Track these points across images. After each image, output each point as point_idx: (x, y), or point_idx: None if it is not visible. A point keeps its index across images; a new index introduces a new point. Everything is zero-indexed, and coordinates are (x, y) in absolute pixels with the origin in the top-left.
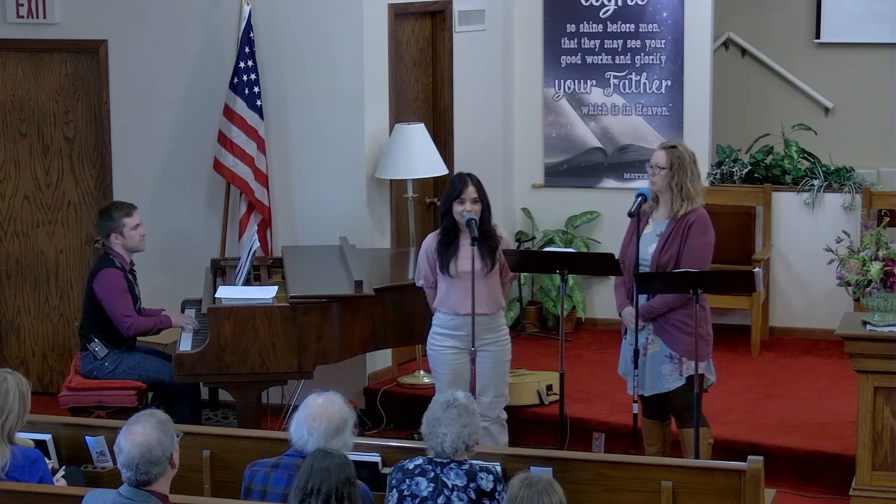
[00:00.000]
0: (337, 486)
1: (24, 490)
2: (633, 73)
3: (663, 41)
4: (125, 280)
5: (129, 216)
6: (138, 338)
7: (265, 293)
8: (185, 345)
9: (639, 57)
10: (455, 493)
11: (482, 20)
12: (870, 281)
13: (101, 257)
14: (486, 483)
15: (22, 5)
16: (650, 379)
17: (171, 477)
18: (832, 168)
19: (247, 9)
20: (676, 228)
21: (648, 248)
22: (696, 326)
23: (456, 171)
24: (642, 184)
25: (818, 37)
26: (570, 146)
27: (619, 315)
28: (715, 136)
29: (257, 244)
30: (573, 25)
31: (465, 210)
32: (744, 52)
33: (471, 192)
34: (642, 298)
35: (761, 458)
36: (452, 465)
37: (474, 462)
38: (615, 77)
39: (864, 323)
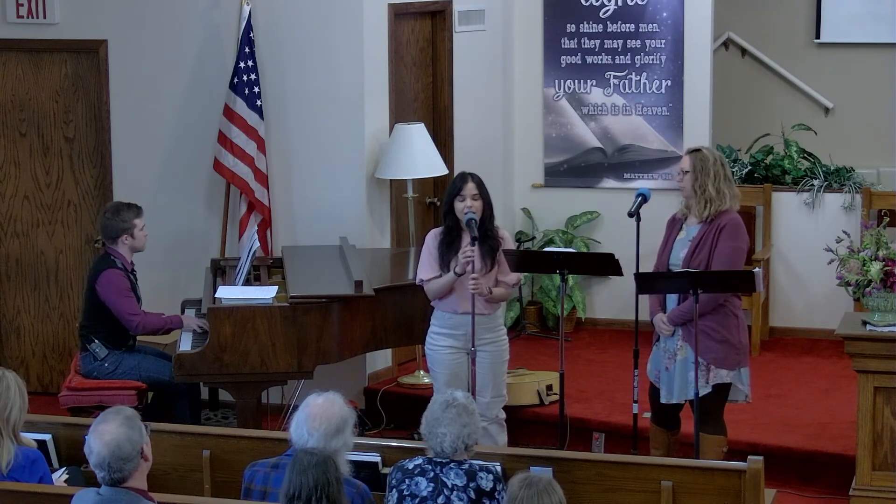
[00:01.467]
0: (316, 489)
1: (24, 490)
2: (633, 73)
3: (663, 41)
4: (128, 280)
5: (139, 217)
6: (140, 338)
7: (265, 293)
8: (185, 345)
9: (639, 57)
10: (455, 492)
11: (482, 20)
12: (870, 281)
13: (101, 258)
14: (486, 483)
15: (22, 5)
16: (678, 386)
17: (146, 471)
18: (832, 168)
19: (247, 9)
20: (707, 233)
21: (680, 252)
22: (695, 325)
23: (456, 171)
24: (642, 184)
25: (818, 37)
26: (570, 146)
27: (651, 321)
28: (715, 136)
29: (257, 244)
30: (573, 25)
31: (465, 207)
32: (744, 52)
33: (470, 188)
34: (672, 303)
35: (761, 458)
36: (452, 464)
37: (474, 462)
38: (615, 77)
39: (864, 323)
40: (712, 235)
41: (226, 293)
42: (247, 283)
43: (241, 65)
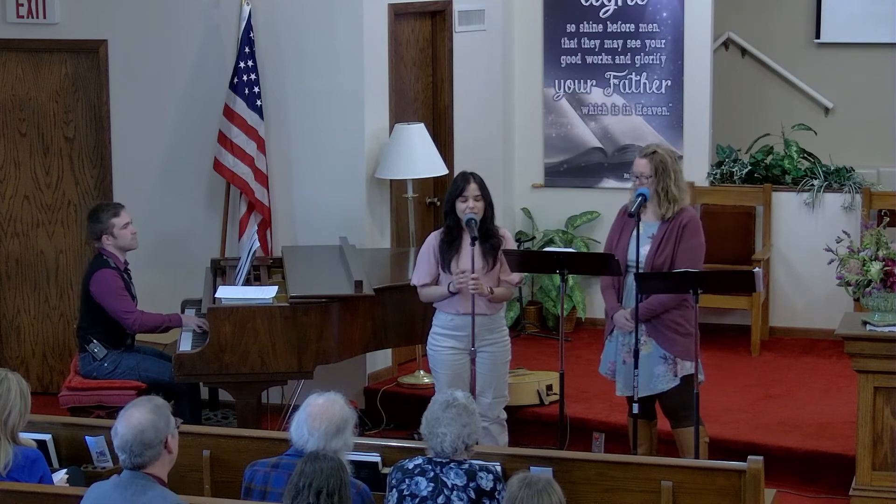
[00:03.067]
0: (328, 482)
1: (25, 490)
2: (633, 73)
3: (663, 41)
4: (121, 279)
5: (117, 216)
6: (140, 337)
7: (265, 293)
8: (185, 345)
9: (639, 57)
10: (455, 492)
11: (482, 20)
12: (870, 281)
13: (94, 258)
14: (486, 482)
15: (22, 5)
16: (644, 380)
17: (169, 465)
18: (832, 168)
19: (247, 9)
20: (669, 230)
21: (641, 249)
22: (695, 327)
23: (456, 171)
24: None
25: (818, 37)
26: (570, 146)
27: (611, 318)
28: (715, 136)
29: (257, 244)
30: (573, 25)
31: (468, 207)
32: (744, 52)
33: (473, 189)
34: (631, 299)
35: (761, 458)
36: (452, 464)
37: (474, 462)
38: (615, 77)
39: (864, 323)
40: (675, 232)
41: (226, 293)
42: (247, 283)
43: (241, 65)
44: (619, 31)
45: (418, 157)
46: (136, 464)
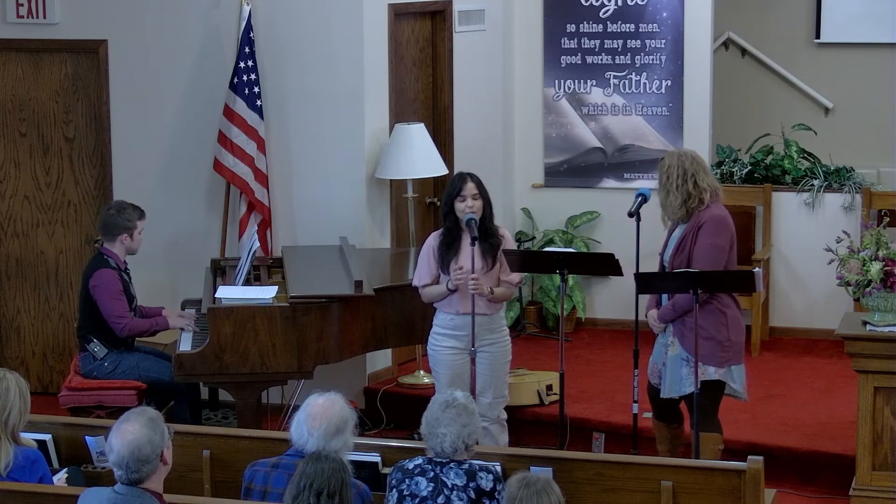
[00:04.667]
0: (329, 483)
1: (25, 490)
2: (633, 73)
3: (663, 41)
4: (120, 280)
5: (142, 219)
6: (137, 338)
7: (265, 293)
8: (185, 345)
9: (639, 57)
10: (455, 492)
11: (482, 20)
12: (870, 281)
13: (95, 257)
14: (486, 482)
15: (22, 5)
16: (669, 381)
17: (165, 474)
18: (832, 168)
19: (247, 9)
20: (690, 231)
21: (671, 250)
22: (696, 326)
23: (456, 171)
24: (642, 184)
25: (818, 37)
26: (570, 146)
27: (646, 317)
28: (715, 136)
29: (257, 244)
30: (573, 25)
31: (467, 207)
32: (744, 52)
33: (471, 187)
34: (664, 300)
35: (761, 458)
36: (452, 464)
37: (474, 462)
38: (615, 77)
39: (864, 323)
40: (693, 233)
41: (226, 293)
42: (247, 283)
43: (241, 65)
44: (619, 31)
45: (418, 157)
46: (133, 479)
